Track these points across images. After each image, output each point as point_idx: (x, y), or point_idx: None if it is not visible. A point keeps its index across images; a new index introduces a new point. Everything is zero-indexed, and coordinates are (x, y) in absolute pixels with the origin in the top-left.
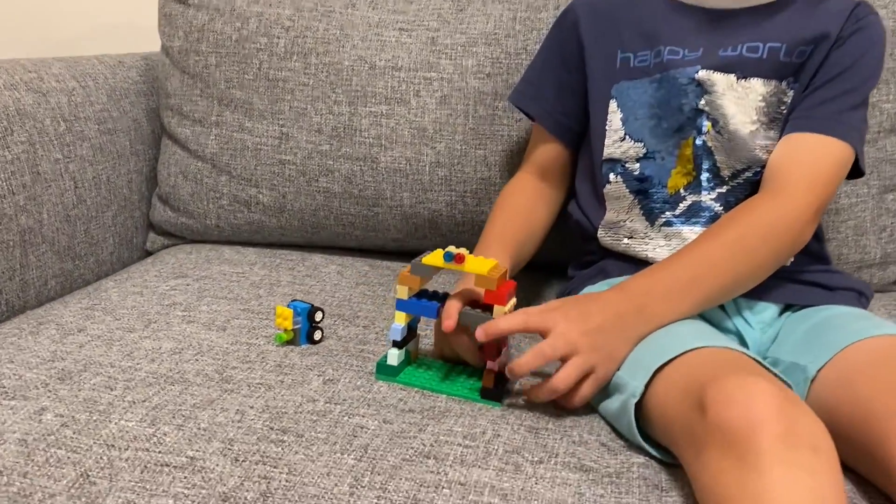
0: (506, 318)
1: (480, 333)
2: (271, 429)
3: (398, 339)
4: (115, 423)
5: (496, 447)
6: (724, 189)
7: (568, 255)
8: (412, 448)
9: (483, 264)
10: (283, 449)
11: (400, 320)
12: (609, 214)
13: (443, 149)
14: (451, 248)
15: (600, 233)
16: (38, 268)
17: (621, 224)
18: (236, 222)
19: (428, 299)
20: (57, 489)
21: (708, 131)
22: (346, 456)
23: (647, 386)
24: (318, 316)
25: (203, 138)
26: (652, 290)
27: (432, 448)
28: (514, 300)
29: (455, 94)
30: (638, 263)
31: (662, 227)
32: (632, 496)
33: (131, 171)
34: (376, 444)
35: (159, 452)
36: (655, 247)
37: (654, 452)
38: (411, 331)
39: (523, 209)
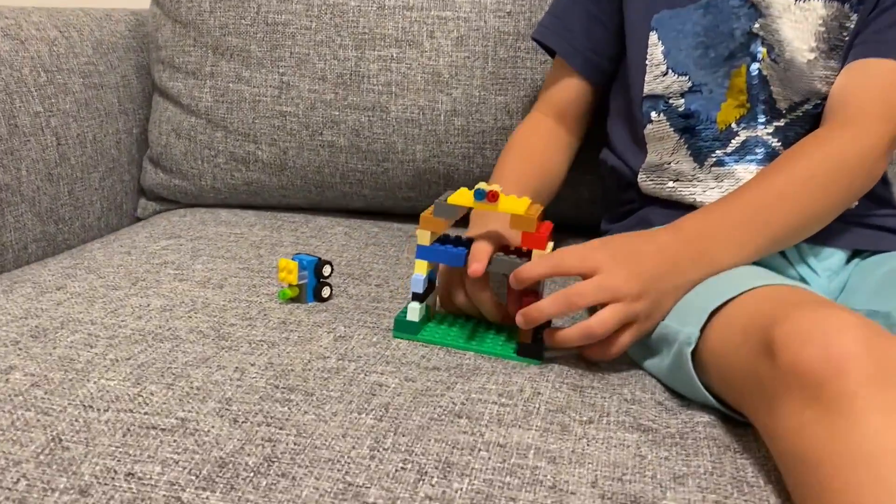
0: (541, 261)
1: (514, 280)
2: (276, 387)
3: (419, 291)
4: (94, 383)
5: (537, 406)
6: (781, 123)
7: (589, 215)
8: (440, 407)
9: (517, 203)
10: (290, 409)
11: (421, 270)
12: (651, 157)
13: (460, 95)
14: (482, 185)
15: (641, 177)
16: (16, 229)
17: (665, 166)
18: (233, 182)
19: (453, 245)
20: (24, 455)
21: (763, 58)
22: (364, 416)
23: (701, 332)
24: (327, 270)
25: (197, 91)
26: (712, 231)
27: (464, 407)
28: (551, 244)
29: (473, 35)
30: (685, 209)
31: (713, 168)
32: (701, 458)
33: (120, 130)
34: (399, 402)
35: (145, 413)
36: (705, 189)
37: (721, 408)
38: (431, 283)
39: (539, 153)
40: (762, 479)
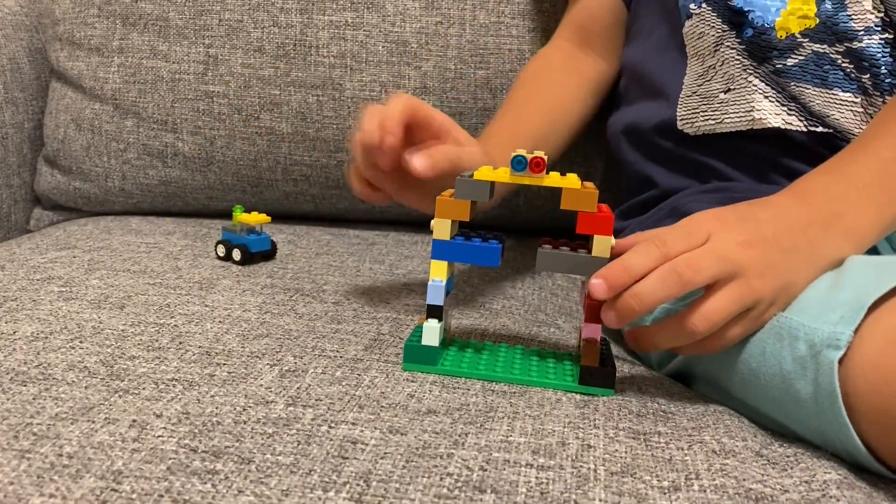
0: (644, 249)
1: (600, 287)
2: (193, 451)
3: (438, 303)
4: None
5: (592, 467)
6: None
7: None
8: (450, 475)
9: (567, 178)
10: (215, 487)
11: (440, 274)
12: (693, 66)
13: (431, 69)
14: (521, 151)
15: (681, 113)
16: None
17: (712, 74)
18: (147, 182)
19: (480, 239)
20: None
21: None
22: (333, 494)
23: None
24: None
25: (102, 71)
26: (842, 191)
27: (485, 474)
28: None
29: None
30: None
31: (775, 75)
32: None
33: (7, 123)
34: (385, 469)
35: None
36: (769, 102)
37: (870, 461)
38: (449, 295)
39: (547, 88)
40: None
